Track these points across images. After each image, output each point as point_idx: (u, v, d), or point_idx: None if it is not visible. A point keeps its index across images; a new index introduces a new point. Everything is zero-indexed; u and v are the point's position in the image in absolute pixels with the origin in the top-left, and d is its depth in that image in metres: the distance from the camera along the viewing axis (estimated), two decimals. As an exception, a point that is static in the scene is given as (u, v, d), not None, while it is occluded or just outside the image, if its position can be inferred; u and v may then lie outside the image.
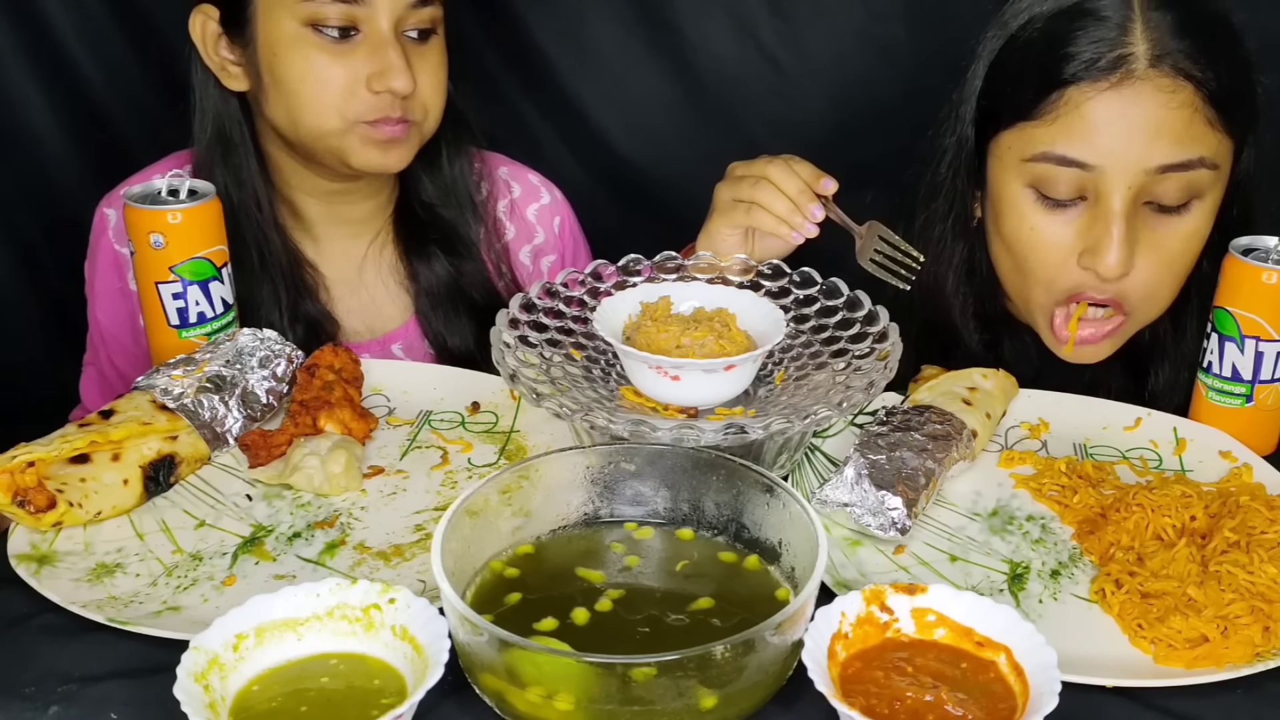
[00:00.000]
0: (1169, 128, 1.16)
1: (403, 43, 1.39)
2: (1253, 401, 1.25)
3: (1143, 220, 1.21)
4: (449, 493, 1.16)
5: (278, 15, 1.37)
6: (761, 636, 0.83)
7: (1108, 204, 1.18)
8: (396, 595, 0.90)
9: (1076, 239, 1.23)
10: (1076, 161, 1.18)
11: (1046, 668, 0.86)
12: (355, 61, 1.38)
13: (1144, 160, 1.17)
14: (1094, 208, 1.20)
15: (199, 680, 0.84)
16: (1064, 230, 1.23)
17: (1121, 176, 1.17)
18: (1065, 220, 1.23)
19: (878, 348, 1.15)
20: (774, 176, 1.25)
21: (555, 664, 0.83)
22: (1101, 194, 1.19)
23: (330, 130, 1.41)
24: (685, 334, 1.11)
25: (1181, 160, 1.17)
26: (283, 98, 1.40)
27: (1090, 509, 1.12)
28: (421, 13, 1.41)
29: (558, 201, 1.66)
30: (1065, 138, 1.18)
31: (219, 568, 1.05)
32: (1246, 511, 1.07)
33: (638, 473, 1.03)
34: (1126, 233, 1.19)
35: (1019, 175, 1.24)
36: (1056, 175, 1.20)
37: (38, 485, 1.06)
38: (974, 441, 1.18)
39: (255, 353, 1.25)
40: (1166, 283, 1.26)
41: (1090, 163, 1.18)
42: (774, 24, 1.79)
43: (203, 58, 1.44)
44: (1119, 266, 1.19)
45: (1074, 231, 1.22)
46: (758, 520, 1.00)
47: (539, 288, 1.22)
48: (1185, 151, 1.17)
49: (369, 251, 1.57)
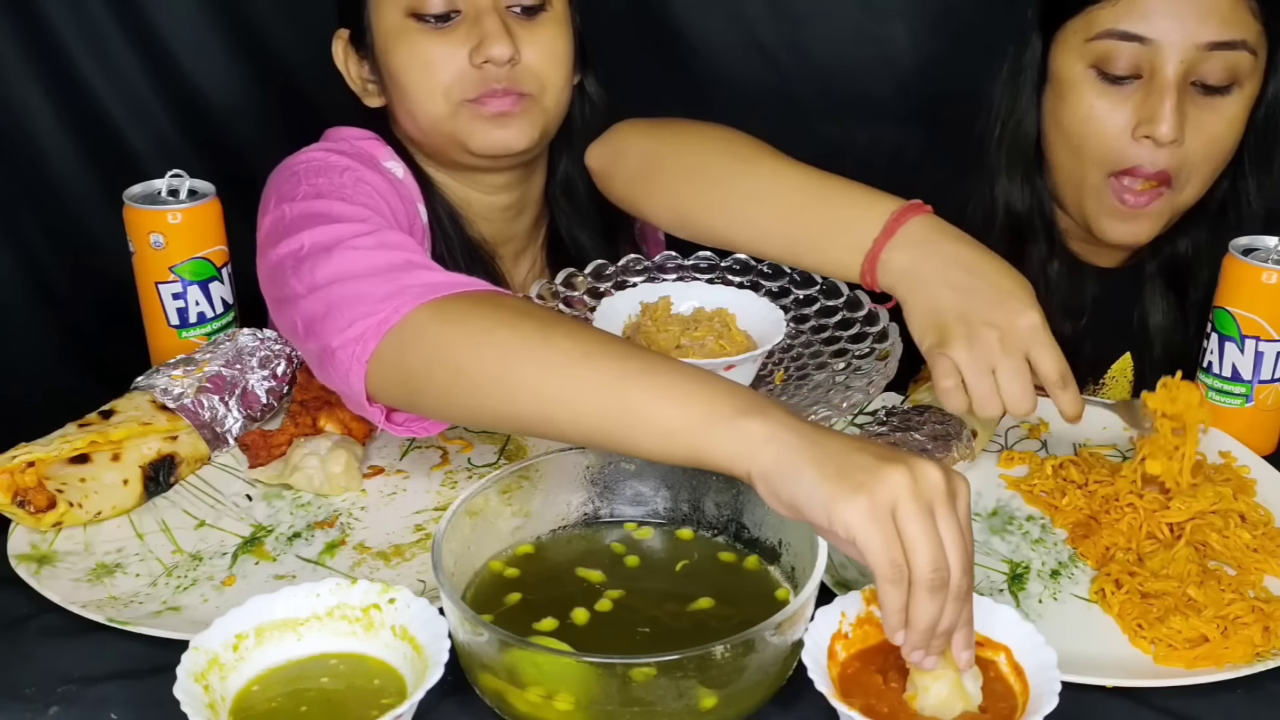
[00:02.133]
0: (1217, 9, 1.28)
1: (505, 16, 1.33)
2: (1253, 401, 1.25)
3: (1190, 99, 1.30)
4: (449, 493, 1.16)
5: (384, 11, 1.34)
6: (761, 636, 0.83)
7: (1162, 77, 1.28)
8: (396, 595, 0.90)
9: (1132, 114, 1.31)
10: (1136, 35, 1.28)
11: (1046, 668, 0.86)
12: (455, 39, 1.32)
13: (1195, 35, 1.26)
14: (1148, 84, 1.30)
15: (199, 680, 0.84)
16: (1121, 107, 1.31)
17: (1175, 50, 1.27)
18: (1122, 97, 1.31)
19: (878, 348, 1.15)
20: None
21: (555, 664, 0.83)
22: (1156, 68, 1.28)
23: (441, 115, 1.34)
24: (685, 334, 1.11)
25: (1227, 39, 1.27)
26: (399, 95, 1.36)
27: (1080, 511, 1.13)
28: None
29: None
30: (1127, 15, 1.29)
31: (219, 568, 1.05)
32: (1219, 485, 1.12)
33: (638, 473, 1.03)
34: (1178, 103, 1.28)
35: (1082, 57, 1.33)
36: (1117, 51, 1.29)
37: (38, 485, 1.06)
38: (974, 441, 1.18)
39: (255, 353, 1.25)
40: (1203, 163, 1.34)
41: (1149, 36, 1.27)
42: (774, 24, 1.79)
43: (349, 84, 1.40)
44: (1172, 132, 1.28)
45: (1130, 107, 1.31)
46: (758, 520, 1.00)
47: (539, 287, 1.22)
48: (1231, 31, 1.27)
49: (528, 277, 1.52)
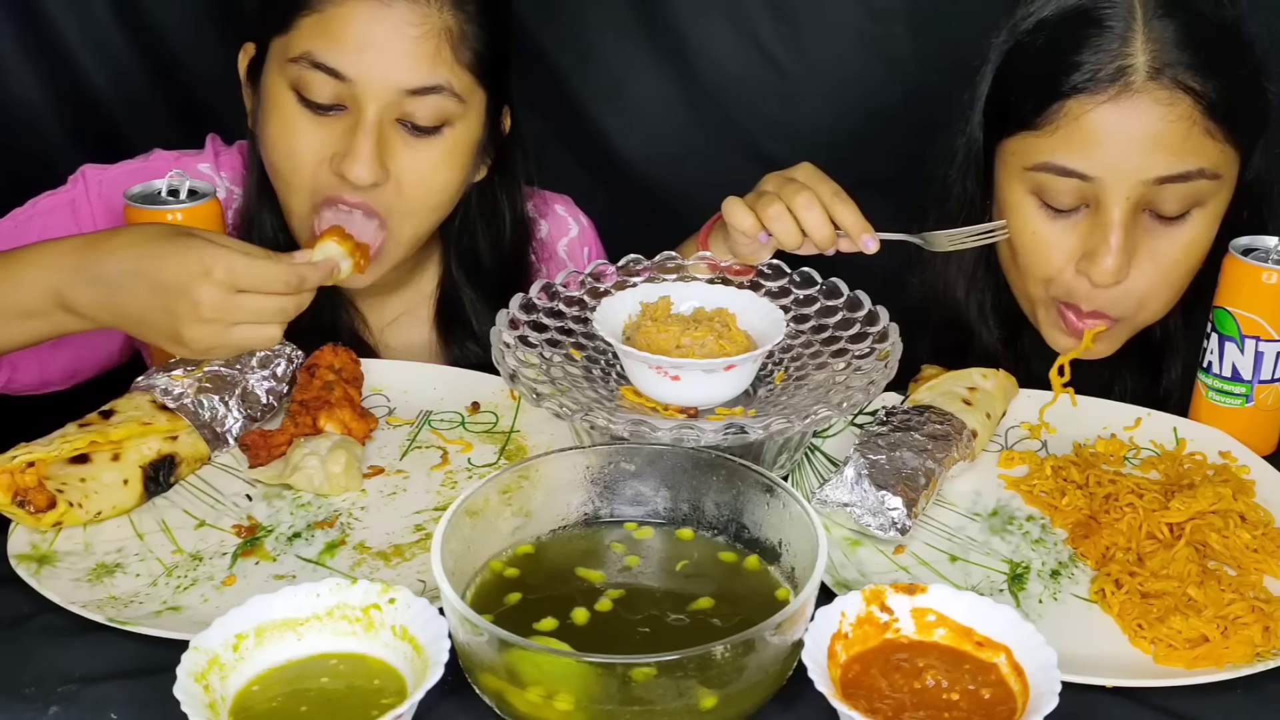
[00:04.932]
0: (1166, 140, 1.18)
1: (391, 131, 1.28)
2: (1253, 401, 1.25)
3: (1143, 228, 1.23)
4: (449, 493, 1.16)
5: (274, 70, 1.30)
6: (761, 636, 0.83)
7: (1107, 213, 1.20)
8: (396, 595, 0.90)
9: (1078, 245, 1.24)
10: (1076, 172, 1.20)
11: (1046, 668, 0.86)
12: (329, 132, 1.28)
13: (1142, 172, 1.18)
14: (1094, 215, 1.22)
15: (199, 680, 0.84)
16: (1065, 236, 1.25)
17: (1120, 187, 1.19)
18: (1067, 226, 1.24)
19: (878, 348, 1.15)
20: (806, 222, 1.21)
21: (555, 664, 0.83)
22: (1102, 203, 1.21)
23: (301, 213, 1.32)
24: (685, 334, 1.11)
25: (1179, 172, 1.19)
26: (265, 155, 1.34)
27: (1080, 511, 1.13)
28: (425, 102, 1.28)
29: (585, 229, 1.61)
30: (1065, 149, 1.20)
31: (219, 568, 1.05)
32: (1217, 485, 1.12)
33: (638, 473, 1.03)
34: (1124, 242, 1.21)
35: (1022, 182, 1.26)
36: (1057, 185, 1.22)
37: (38, 485, 1.06)
38: (974, 441, 1.18)
39: (255, 353, 1.25)
40: (1162, 289, 1.27)
41: (1089, 174, 1.20)
42: (774, 26, 1.78)
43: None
44: (1114, 274, 1.21)
45: (1075, 238, 1.24)
46: (758, 520, 1.00)
47: (539, 287, 1.22)
48: (1183, 164, 1.19)
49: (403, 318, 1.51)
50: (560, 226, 1.60)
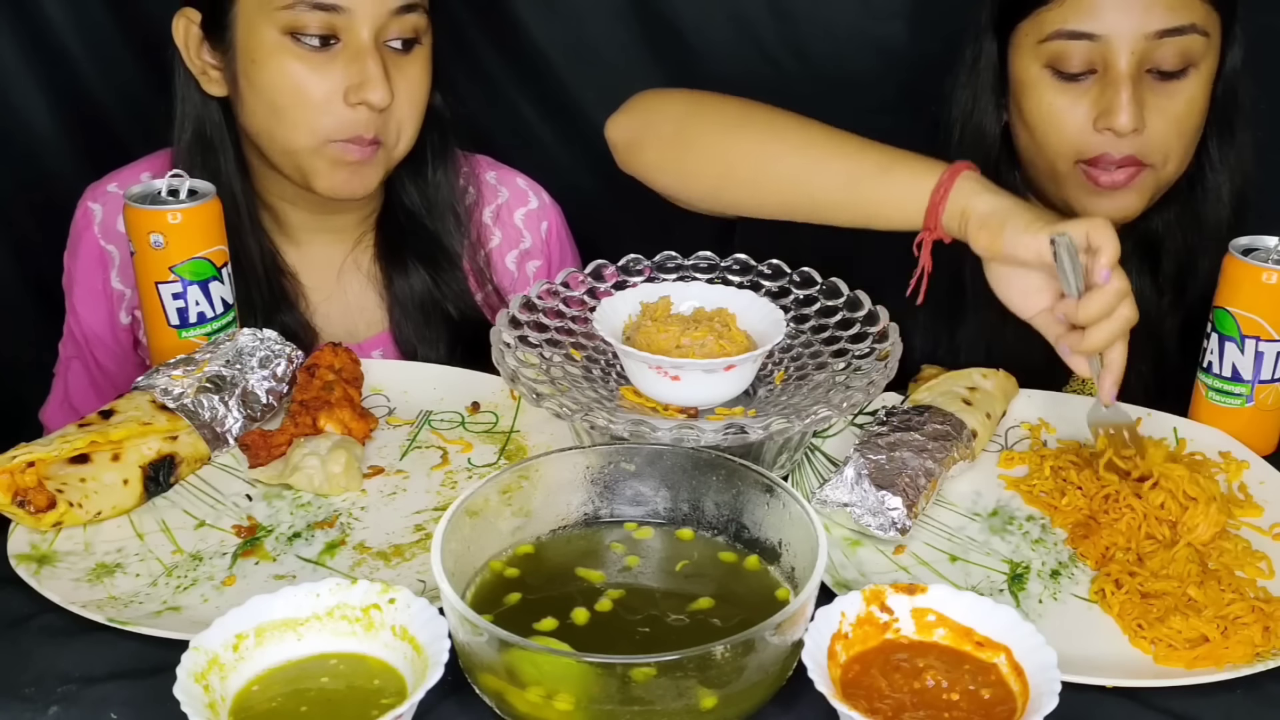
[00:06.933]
0: None
1: (384, 53, 1.37)
2: (1253, 401, 1.25)
3: (1147, 86, 1.33)
4: (449, 493, 1.16)
5: (257, 22, 1.35)
6: (761, 636, 0.83)
7: (1115, 70, 1.31)
8: (396, 595, 0.90)
9: (1091, 108, 1.34)
10: (1086, 34, 1.31)
11: (1046, 668, 0.86)
12: (333, 73, 1.36)
13: (1143, 26, 1.30)
14: (1103, 77, 1.32)
15: (199, 680, 0.84)
16: (1079, 102, 1.34)
17: (1125, 43, 1.30)
18: (1080, 92, 1.34)
19: (878, 348, 1.15)
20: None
21: (555, 664, 0.83)
22: (1109, 62, 1.31)
23: (301, 147, 1.38)
24: (685, 334, 1.11)
25: (1175, 25, 1.30)
26: (260, 107, 1.38)
27: (1080, 511, 1.13)
28: (405, 20, 1.38)
29: (546, 206, 1.64)
30: (1075, 14, 1.32)
31: (219, 568, 1.05)
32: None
33: (638, 473, 1.03)
34: (1134, 93, 1.31)
35: (1036, 58, 1.35)
36: (1069, 50, 1.32)
37: (38, 485, 1.06)
38: (974, 441, 1.18)
39: (255, 353, 1.25)
40: (1175, 141, 1.36)
41: (1097, 32, 1.30)
42: (774, 25, 1.79)
43: (184, 60, 1.43)
44: (1131, 121, 1.30)
45: (1088, 102, 1.34)
46: (758, 520, 1.00)
47: (539, 288, 1.22)
48: (1178, 17, 1.30)
49: (349, 259, 1.55)
50: (520, 198, 1.63)
